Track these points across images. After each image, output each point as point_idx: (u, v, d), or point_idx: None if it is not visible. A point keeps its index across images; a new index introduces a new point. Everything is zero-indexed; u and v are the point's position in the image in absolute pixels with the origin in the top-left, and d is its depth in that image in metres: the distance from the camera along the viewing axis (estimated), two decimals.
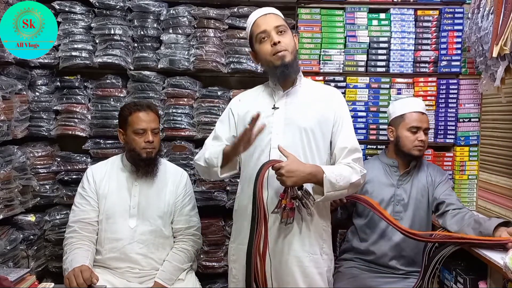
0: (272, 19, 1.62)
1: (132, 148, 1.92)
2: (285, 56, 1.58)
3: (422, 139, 2.04)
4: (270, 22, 1.61)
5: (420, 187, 2.08)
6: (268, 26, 1.60)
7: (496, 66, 1.88)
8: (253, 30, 1.65)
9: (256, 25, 1.64)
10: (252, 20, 1.66)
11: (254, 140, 1.51)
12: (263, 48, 1.61)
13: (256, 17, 1.65)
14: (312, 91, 1.72)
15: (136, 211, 1.93)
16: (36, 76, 2.42)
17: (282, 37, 1.59)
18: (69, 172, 2.45)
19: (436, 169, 2.17)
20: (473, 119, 2.43)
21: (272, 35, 1.58)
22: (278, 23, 1.61)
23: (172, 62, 2.41)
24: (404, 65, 2.44)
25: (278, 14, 1.68)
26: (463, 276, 1.83)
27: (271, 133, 1.63)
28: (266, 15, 1.64)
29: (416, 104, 2.11)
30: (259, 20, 1.63)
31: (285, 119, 1.64)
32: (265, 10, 1.67)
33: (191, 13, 2.44)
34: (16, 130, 2.23)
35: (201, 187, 2.49)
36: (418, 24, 2.44)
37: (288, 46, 1.59)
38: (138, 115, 1.91)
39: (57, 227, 2.40)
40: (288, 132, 1.63)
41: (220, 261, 2.52)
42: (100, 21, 2.39)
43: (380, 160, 2.19)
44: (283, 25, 1.62)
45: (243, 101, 1.77)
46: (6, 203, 2.08)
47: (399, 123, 2.08)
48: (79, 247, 1.83)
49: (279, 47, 1.57)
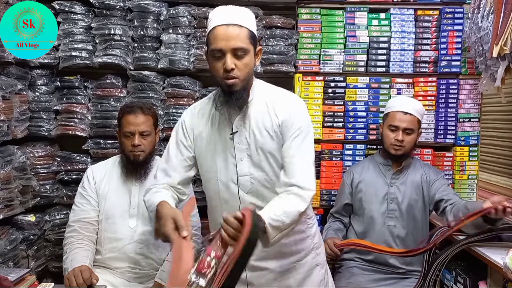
0: (233, 36, 1.35)
1: (122, 150, 1.95)
2: (234, 85, 1.38)
3: (398, 138, 2.05)
4: (230, 41, 1.35)
5: (414, 186, 2.09)
6: (226, 46, 1.34)
7: (496, 66, 1.88)
8: (209, 38, 1.39)
9: (214, 35, 1.37)
10: (212, 24, 1.39)
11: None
12: (215, 65, 1.39)
13: (217, 23, 1.38)
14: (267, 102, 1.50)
15: (136, 211, 1.93)
16: (36, 76, 2.41)
17: (239, 61, 1.37)
18: (69, 172, 2.45)
19: (431, 169, 2.19)
20: (473, 119, 2.43)
21: (227, 59, 1.35)
22: (237, 45, 1.35)
23: (172, 62, 2.41)
24: (404, 65, 2.44)
25: (243, 24, 1.38)
26: (463, 276, 1.83)
27: (234, 158, 1.46)
28: (229, 26, 1.35)
29: (403, 104, 2.12)
30: (219, 31, 1.36)
31: (247, 143, 1.46)
32: (229, 18, 1.37)
33: (191, 13, 2.44)
34: (16, 130, 2.22)
35: (201, 187, 2.48)
36: (418, 24, 2.44)
37: (241, 73, 1.38)
38: (127, 117, 1.90)
39: (57, 227, 2.39)
40: (254, 157, 1.46)
41: None
42: (100, 21, 2.39)
43: (374, 160, 2.23)
44: (242, 48, 1.36)
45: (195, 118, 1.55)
46: (6, 203, 2.08)
47: (384, 121, 2.16)
48: (79, 246, 1.83)
49: (230, 74, 1.36)
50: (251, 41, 1.40)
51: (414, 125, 2.10)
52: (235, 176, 1.48)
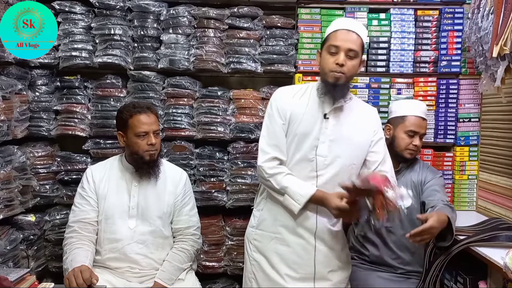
0: (351, 40, 1.65)
1: (135, 151, 1.91)
2: (339, 79, 1.64)
3: (416, 143, 2.03)
4: (347, 42, 1.64)
5: (411, 188, 2.07)
6: (343, 45, 1.64)
7: (496, 66, 1.88)
8: (330, 37, 1.69)
9: (335, 35, 1.67)
10: (335, 27, 1.70)
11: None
12: (328, 59, 1.67)
13: (340, 27, 1.68)
14: (357, 113, 1.77)
15: (136, 212, 1.93)
16: (36, 76, 2.42)
17: (349, 61, 1.64)
18: (69, 172, 2.45)
19: (430, 170, 2.14)
20: (473, 119, 2.43)
21: (340, 55, 1.63)
22: (352, 47, 1.64)
23: (172, 62, 2.41)
24: (404, 65, 2.44)
25: (360, 35, 1.68)
26: (463, 276, 1.83)
27: (318, 139, 1.69)
28: (349, 32, 1.66)
29: (419, 108, 2.09)
30: (339, 33, 1.66)
31: (333, 132, 1.70)
32: (352, 26, 1.68)
33: (191, 13, 2.44)
34: (16, 130, 2.23)
35: (201, 187, 2.49)
36: (418, 24, 2.44)
37: (348, 72, 1.65)
38: (139, 117, 1.90)
39: (57, 227, 2.40)
40: (334, 147, 1.70)
41: (220, 261, 2.51)
42: (100, 21, 2.39)
43: None
44: (355, 51, 1.65)
45: (288, 97, 1.77)
46: (6, 203, 2.08)
47: (398, 124, 2.07)
48: (79, 247, 1.83)
49: (339, 68, 1.63)
50: (361, 50, 1.69)
51: (426, 130, 2.11)
52: (313, 153, 1.70)
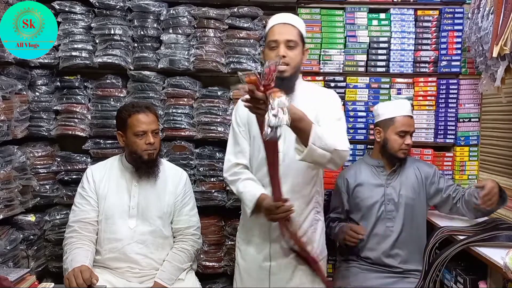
0: (287, 31, 1.68)
1: (134, 150, 1.92)
2: (284, 71, 1.65)
3: (408, 142, 2.07)
4: (284, 34, 1.67)
5: (409, 185, 2.09)
6: (280, 38, 1.67)
7: (496, 66, 1.88)
8: (268, 34, 1.74)
9: (272, 31, 1.71)
10: (271, 24, 1.75)
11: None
12: (269, 54, 1.70)
13: (275, 22, 1.73)
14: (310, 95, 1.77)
15: (136, 212, 1.93)
16: (36, 76, 2.42)
17: (290, 51, 1.67)
18: (69, 172, 2.45)
19: (422, 163, 2.19)
20: (473, 119, 2.43)
21: (280, 48, 1.66)
22: (290, 37, 1.67)
23: (172, 62, 2.41)
24: (404, 65, 2.44)
25: (296, 25, 1.72)
26: (463, 276, 1.83)
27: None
28: (285, 25, 1.70)
29: (405, 108, 2.13)
30: (275, 28, 1.71)
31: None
32: (286, 19, 1.72)
33: (191, 13, 2.44)
34: (16, 130, 2.23)
35: (201, 187, 2.49)
36: (418, 24, 2.44)
37: (292, 61, 1.67)
38: (138, 117, 1.90)
39: (57, 227, 2.40)
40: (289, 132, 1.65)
41: (220, 261, 2.52)
42: (100, 21, 2.39)
43: (365, 162, 2.20)
44: (294, 40, 1.68)
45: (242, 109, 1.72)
46: (6, 203, 2.08)
47: (388, 126, 2.10)
48: (79, 247, 1.83)
49: (282, 60, 1.61)
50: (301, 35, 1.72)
51: (414, 127, 2.13)
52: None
